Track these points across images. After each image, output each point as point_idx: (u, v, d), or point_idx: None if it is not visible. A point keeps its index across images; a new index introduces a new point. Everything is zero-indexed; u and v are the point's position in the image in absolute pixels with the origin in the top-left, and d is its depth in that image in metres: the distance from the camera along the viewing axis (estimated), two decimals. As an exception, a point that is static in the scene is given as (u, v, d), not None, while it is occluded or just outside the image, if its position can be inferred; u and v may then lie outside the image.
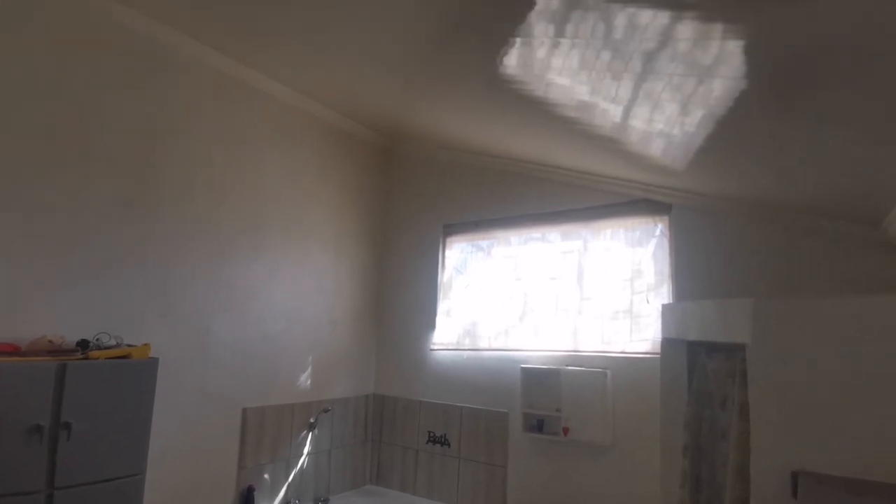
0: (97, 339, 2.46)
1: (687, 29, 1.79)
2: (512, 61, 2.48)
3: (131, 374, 2.39)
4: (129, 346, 2.52)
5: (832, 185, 2.56)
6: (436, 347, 4.10)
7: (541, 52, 2.32)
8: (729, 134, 2.38)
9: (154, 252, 2.93)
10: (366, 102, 3.87)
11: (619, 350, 3.31)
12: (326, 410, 3.81)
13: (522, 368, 3.53)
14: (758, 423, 1.96)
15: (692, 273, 3.16)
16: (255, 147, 3.53)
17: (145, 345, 2.55)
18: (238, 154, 3.42)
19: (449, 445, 3.88)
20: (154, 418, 2.48)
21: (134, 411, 2.38)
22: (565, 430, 3.31)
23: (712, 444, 2.46)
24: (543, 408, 3.42)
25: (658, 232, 3.36)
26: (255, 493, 3.34)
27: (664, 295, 3.24)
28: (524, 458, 3.56)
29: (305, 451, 3.73)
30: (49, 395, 2.12)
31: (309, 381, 3.82)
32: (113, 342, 2.51)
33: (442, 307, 4.14)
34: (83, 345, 2.38)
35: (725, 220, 3.13)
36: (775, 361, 1.94)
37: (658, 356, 2.94)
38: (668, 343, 2.69)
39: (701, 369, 2.56)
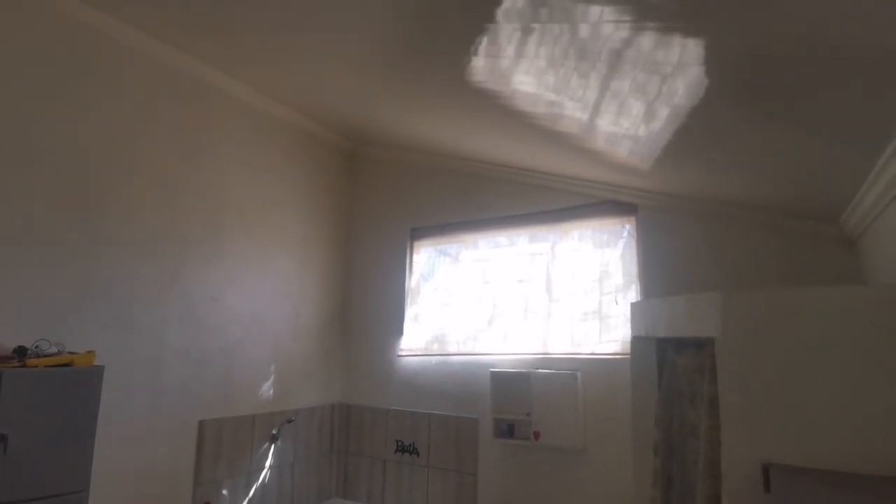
0: (36, 347, 2.28)
1: (650, 31, 1.78)
2: (478, 62, 2.45)
3: (73, 383, 2.22)
4: (71, 353, 2.35)
5: (791, 183, 2.60)
6: (404, 353, 4.00)
7: (507, 53, 2.29)
8: (693, 134, 2.39)
9: (100, 258, 2.76)
10: (329, 103, 3.79)
11: (589, 352, 3.29)
12: (290, 421, 3.66)
13: (492, 373, 3.47)
14: (727, 417, 1.94)
15: (659, 272, 3.16)
16: (213, 149, 3.40)
17: (89, 352, 2.38)
18: (195, 156, 3.28)
19: (418, 454, 3.78)
20: (100, 431, 2.31)
21: (76, 423, 2.21)
22: (536, 435, 3.25)
23: (682, 442, 2.44)
24: (514, 412, 3.35)
25: (626, 233, 3.36)
26: (213, 511, 3.17)
27: (632, 295, 3.24)
28: (495, 465, 3.48)
29: (267, 464, 3.57)
30: (-21, 405, 1.94)
31: (271, 391, 3.67)
32: (54, 349, 2.34)
33: (410, 312, 4.05)
34: (20, 352, 2.20)
35: (690, 219, 3.15)
36: (744, 354, 1.93)
37: (628, 356, 2.92)
38: (637, 341, 2.67)
39: (670, 366, 2.55)
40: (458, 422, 3.65)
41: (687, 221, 3.15)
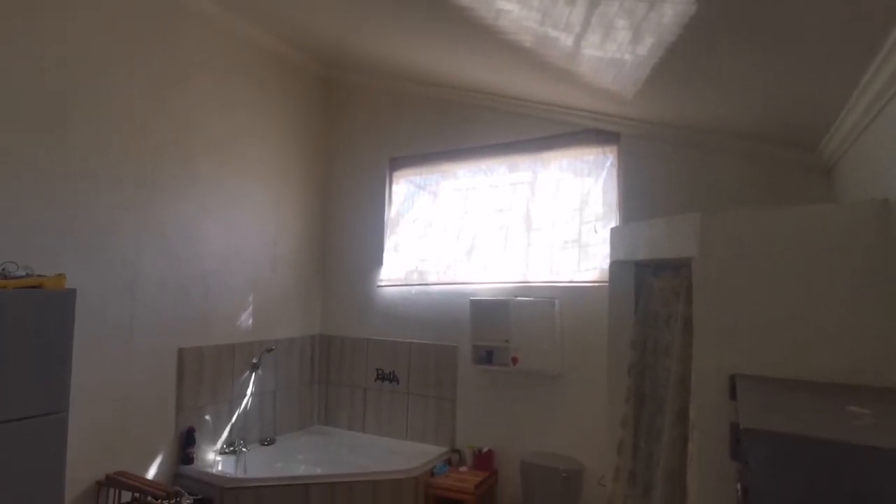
0: (3, 269, 2.21)
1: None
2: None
3: (45, 306, 2.17)
4: (40, 276, 2.28)
5: (774, 109, 2.58)
6: (383, 284, 4.00)
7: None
8: (678, 59, 2.33)
9: (66, 183, 2.64)
10: (303, 20, 3.57)
11: (568, 280, 3.33)
12: (270, 350, 3.68)
13: (471, 301, 3.51)
14: (699, 334, 2.00)
15: (639, 201, 3.17)
16: (180, 72, 3.21)
17: (59, 275, 2.31)
18: (161, 79, 3.10)
19: (398, 382, 3.86)
20: (77, 357, 2.28)
21: (51, 345, 2.17)
22: (514, 360, 3.33)
23: (656, 361, 2.52)
24: (492, 339, 3.42)
25: (608, 163, 3.33)
26: (196, 435, 3.21)
27: (612, 224, 3.25)
28: (473, 390, 3.58)
29: (249, 391, 3.61)
30: (-55, 325, 1.88)
31: (250, 321, 3.66)
32: (22, 272, 2.26)
33: (389, 243, 4.03)
34: (-14, 273, 2.13)
35: (671, 148, 3.13)
36: (719, 272, 1.96)
37: (605, 284, 2.96)
38: (616, 265, 2.70)
39: (648, 289, 2.59)
40: (437, 350, 3.71)
41: (668, 150, 3.14)
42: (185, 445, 3.16)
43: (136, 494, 2.71)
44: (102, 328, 2.77)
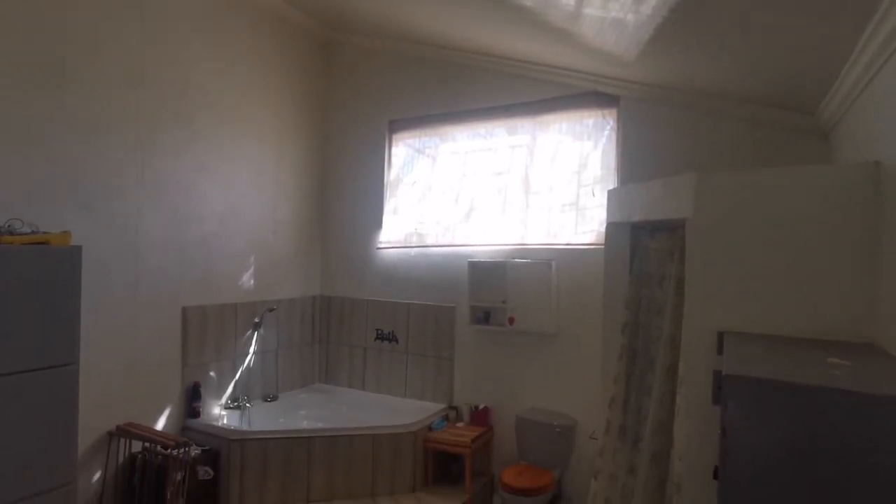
0: (8, 225, 2.24)
1: None
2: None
3: (52, 261, 2.21)
4: (45, 233, 2.32)
5: (774, 71, 2.57)
6: (383, 246, 4.05)
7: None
8: (680, 20, 2.31)
9: (65, 139, 2.65)
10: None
11: (565, 242, 3.37)
12: (272, 310, 3.75)
13: (470, 262, 3.56)
14: (691, 293, 2.06)
15: (637, 164, 3.19)
16: (176, 30, 3.17)
17: (65, 232, 2.34)
18: (158, 34, 3.07)
19: (397, 341, 3.95)
20: (84, 313, 2.33)
21: (59, 300, 2.22)
22: (511, 321, 3.41)
23: (649, 320, 2.59)
24: (490, 300, 3.49)
25: (607, 125, 3.34)
26: (202, 390, 3.31)
27: (610, 187, 3.27)
28: (471, 350, 3.67)
29: (251, 350, 3.70)
30: (-44, 279, 1.93)
31: (252, 281, 3.72)
32: (27, 229, 2.30)
33: (388, 205, 4.05)
34: (-8, 229, 2.16)
35: (671, 111, 3.13)
36: (713, 232, 2.00)
37: (601, 247, 3.02)
38: (612, 227, 2.75)
39: (643, 251, 2.64)
40: (436, 310, 3.78)
41: (668, 113, 3.14)
42: (192, 400, 3.26)
43: (146, 444, 2.82)
44: (107, 286, 2.83)
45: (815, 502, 1.16)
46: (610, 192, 2.82)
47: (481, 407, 3.54)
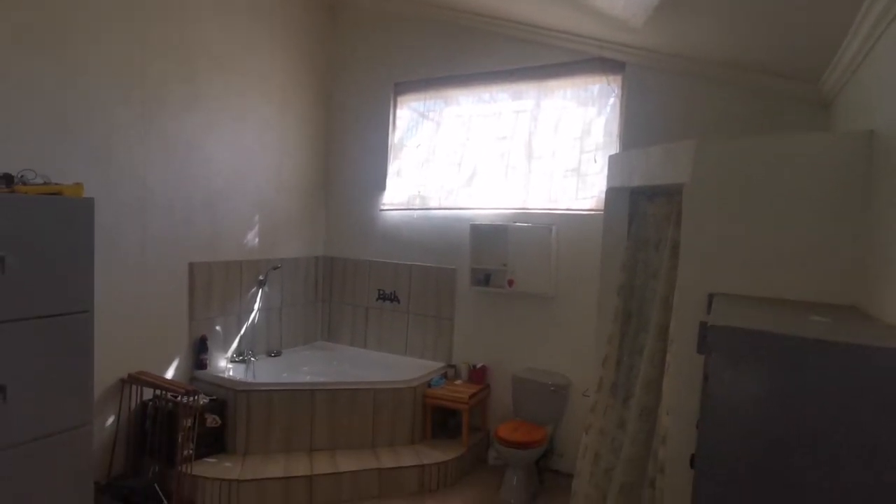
0: (22, 176, 2.30)
1: None
2: None
3: (66, 212, 2.27)
4: (58, 184, 2.37)
5: (779, 39, 2.59)
6: (386, 208, 4.11)
7: None
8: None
9: (74, 93, 2.68)
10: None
11: (565, 207, 3.43)
12: (276, 268, 3.83)
13: (471, 225, 3.62)
14: (685, 256, 2.12)
15: (640, 131, 3.21)
16: (182, -20, 3.16)
17: (77, 184, 2.40)
18: (163, -13, 3.06)
19: (398, 302, 4.04)
20: (96, 265, 2.41)
21: (73, 250, 2.30)
22: (510, 283, 3.49)
23: (644, 283, 2.67)
24: (490, 263, 3.56)
25: (612, 92, 3.35)
26: (208, 343, 3.42)
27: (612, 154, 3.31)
28: (470, 311, 3.77)
29: (256, 306, 3.80)
30: (-25, 226, 2.00)
31: (256, 240, 3.79)
32: (39, 180, 2.35)
33: (392, 168, 4.09)
34: (7, 179, 2.22)
35: (676, 79, 3.14)
36: (709, 197, 2.06)
37: (601, 212, 3.07)
38: (612, 192, 2.80)
39: (641, 215, 2.70)
40: (437, 272, 3.87)
41: (672, 81, 3.15)
42: (199, 352, 3.37)
43: (157, 392, 2.94)
44: (117, 241, 2.89)
45: (789, 444, 1.25)
46: (611, 158, 2.86)
47: (479, 366, 3.66)
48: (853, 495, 1.21)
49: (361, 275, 4.21)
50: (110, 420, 2.92)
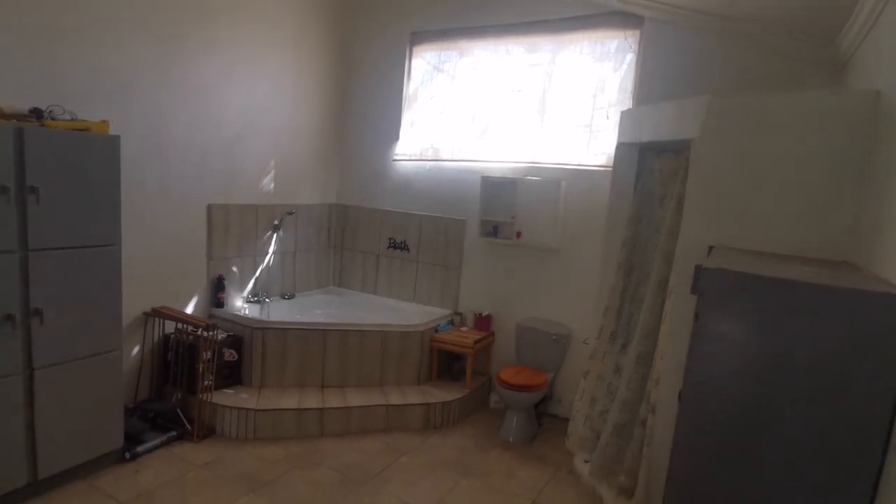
0: (50, 111, 2.38)
1: None
2: None
3: (93, 147, 2.37)
4: (85, 121, 2.45)
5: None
6: (399, 158, 4.17)
7: None
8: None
9: (93, 34, 2.72)
10: None
11: (576, 163, 3.48)
12: (290, 213, 3.94)
13: (483, 178, 3.68)
14: (689, 210, 2.20)
15: (655, 88, 3.22)
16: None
17: (104, 121, 2.48)
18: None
19: (408, 250, 4.15)
20: (121, 203, 2.51)
21: (101, 185, 2.40)
22: (518, 235, 3.58)
23: (647, 237, 2.76)
24: (500, 215, 3.64)
25: (629, 48, 3.33)
26: (225, 283, 3.56)
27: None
28: (478, 260, 3.87)
29: (271, 250, 3.92)
30: (10, 157, 2.09)
31: (272, 185, 3.88)
32: (67, 116, 2.44)
33: (406, 118, 4.12)
34: (37, 113, 2.30)
35: (694, 35, 3.12)
36: (715, 152, 2.12)
37: (610, 169, 3.13)
38: (622, 147, 2.85)
39: (648, 171, 2.76)
40: (447, 222, 3.96)
41: (690, 38, 3.13)
42: (216, 291, 3.52)
43: (179, 325, 3.10)
44: (139, 180, 2.99)
45: (771, 380, 1.36)
46: (623, 113, 2.89)
47: (484, 314, 3.80)
48: (829, 426, 1.32)
49: (373, 223, 4.31)
50: (135, 350, 3.09)
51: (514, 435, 3.26)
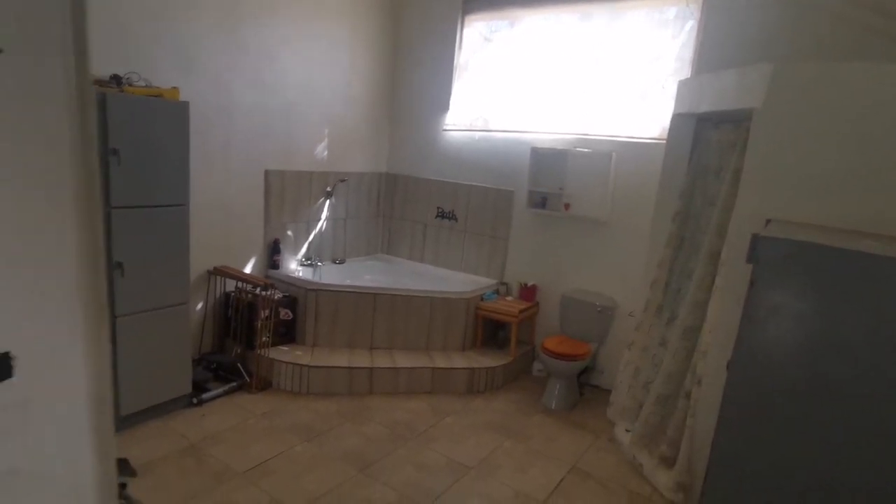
0: (128, 78, 2.53)
1: None
2: None
3: (166, 113, 2.51)
4: (158, 87, 2.59)
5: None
6: (448, 128, 4.20)
7: None
8: None
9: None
10: None
11: (627, 135, 3.43)
12: (343, 180, 4.05)
13: (532, 149, 3.68)
14: (746, 182, 2.17)
15: (715, 57, 3.11)
16: None
17: (174, 88, 2.62)
18: None
19: (456, 220, 4.22)
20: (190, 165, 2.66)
21: (172, 147, 2.55)
22: (566, 206, 3.58)
23: (699, 210, 2.72)
24: (548, 186, 3.64)
25: (690, 16, 3.23)
26: (281, 246, 3.73)
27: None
28: (525, 232, 3.90)
29: (323, 216, 4.06)
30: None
31: (325, 153, 3.99)
32: (142, 83, 2.58)
33: (457, 88, 4.14)
34: (117, 80, 2.45)
35: (758, 4, 3.00)
36: (777, 123, 2.07)
37: (663, 141, 3.08)
38: (678, 118, 2.80)
39: (705, 143, 2.71)
40: (495, 193, 3.99)
41: (754, 6, 3.00)
42: (272, 253, 3.69)
43: (239, 284, 3.28)
44: (204, 144, 3.14)
45: (825, 351, 1.37)
46: (680, 83, 2.83)
47: (530, 284, 3.84)
48: (886, 397, 1.32)
49: (422, 193, 4.38)
50: (199, 305, 3.30)
51: (556, 402, 3.33)
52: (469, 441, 2.87)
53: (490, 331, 3.83)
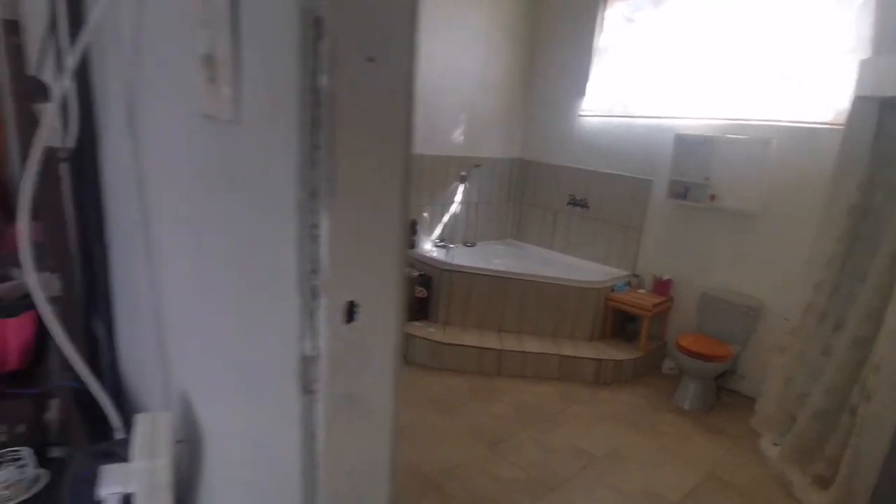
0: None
1: None
2: None
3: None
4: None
5: None
6: (585, 114, 4.11)
7: None
8: None
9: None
10: None
11: (789, 119, 3.12)
12: (477, 166, 4.15)
13: (676, 135, 3.49)
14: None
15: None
16: None
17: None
18: None
19: (588, 208, 4.14)
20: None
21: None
22: (712, 198, 3.36)
23: (882, 205, 2.42)
24: (692, 176, 3.43)
25: (875, -17, 2.84)
26: (417, 227, 3.92)
27: (862, 58, 2.87)
28: (662, 223, 3.73)
29: (457, 199, 4.19)
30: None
31: (462, 138, 4.11)
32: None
33: (595, 72, 4.02)
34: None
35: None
36: None
37: (836, 126, 2.77)
38: (859, 102, 2.49)
39: (890, 130, 2.40)
40: (632, 181, 3.85)
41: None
42: (410, 234, 3.90)
43: (381, 261, 3.52)
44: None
45: None
46: (863, 63, 2.52)
47: (665, 278, 3.67)
48: None
49: (554, 179, 4.34)
50: (345, 279, 3.59)
51: (689, 402, 3.18)
52: (596, 430, 2.85)
53: (619, 322, 3.74)
